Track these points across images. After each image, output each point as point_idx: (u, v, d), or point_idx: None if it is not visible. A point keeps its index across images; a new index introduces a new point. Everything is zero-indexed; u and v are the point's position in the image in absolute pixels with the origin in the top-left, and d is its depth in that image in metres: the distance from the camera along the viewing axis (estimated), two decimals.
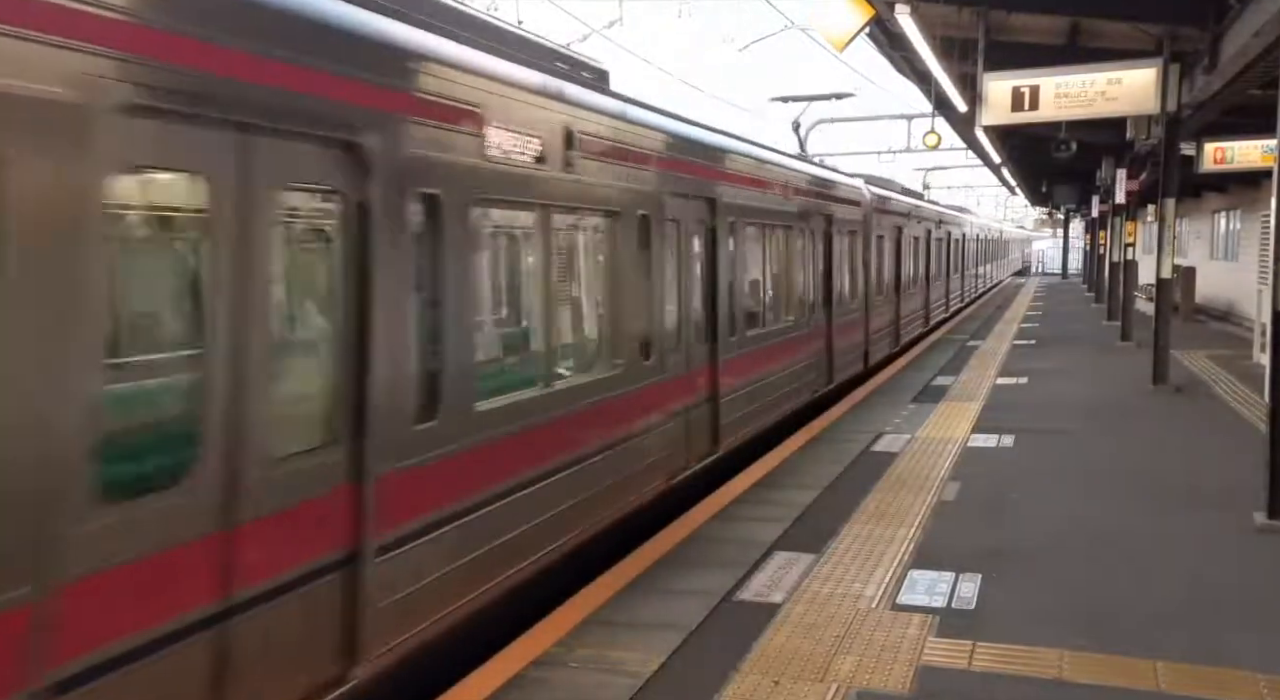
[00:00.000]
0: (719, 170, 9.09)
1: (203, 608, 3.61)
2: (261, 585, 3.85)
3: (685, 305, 8.30)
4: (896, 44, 14.29)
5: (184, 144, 3.56)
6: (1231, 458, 9.21)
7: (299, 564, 4.04)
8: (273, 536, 3.91)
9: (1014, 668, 4.84)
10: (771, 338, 10.81)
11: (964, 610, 5.60)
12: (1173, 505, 7.82)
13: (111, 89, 3.20)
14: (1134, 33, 12.68)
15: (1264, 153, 17.25)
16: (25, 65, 2.96)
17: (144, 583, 3.38)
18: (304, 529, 4.08)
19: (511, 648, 5.11)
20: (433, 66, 4.93)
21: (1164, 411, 12.17)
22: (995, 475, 8.84)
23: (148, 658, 3.37)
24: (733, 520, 7.50)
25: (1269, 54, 9.72)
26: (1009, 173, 31.61)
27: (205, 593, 3.63)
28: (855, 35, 11.09)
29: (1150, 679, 4.71)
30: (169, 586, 3.48)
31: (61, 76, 3.04)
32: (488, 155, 5.28)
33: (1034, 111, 12.69)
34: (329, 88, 4.20)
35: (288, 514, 3.99)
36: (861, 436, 10.66)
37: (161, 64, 3.40)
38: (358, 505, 4.33)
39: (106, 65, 3.19)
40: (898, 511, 7.64)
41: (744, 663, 4.92)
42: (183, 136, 3.54)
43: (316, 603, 4.12)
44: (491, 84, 5.36)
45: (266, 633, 3.87)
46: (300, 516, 4.05)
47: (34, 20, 2.98)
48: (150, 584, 3.40)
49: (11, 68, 2.94)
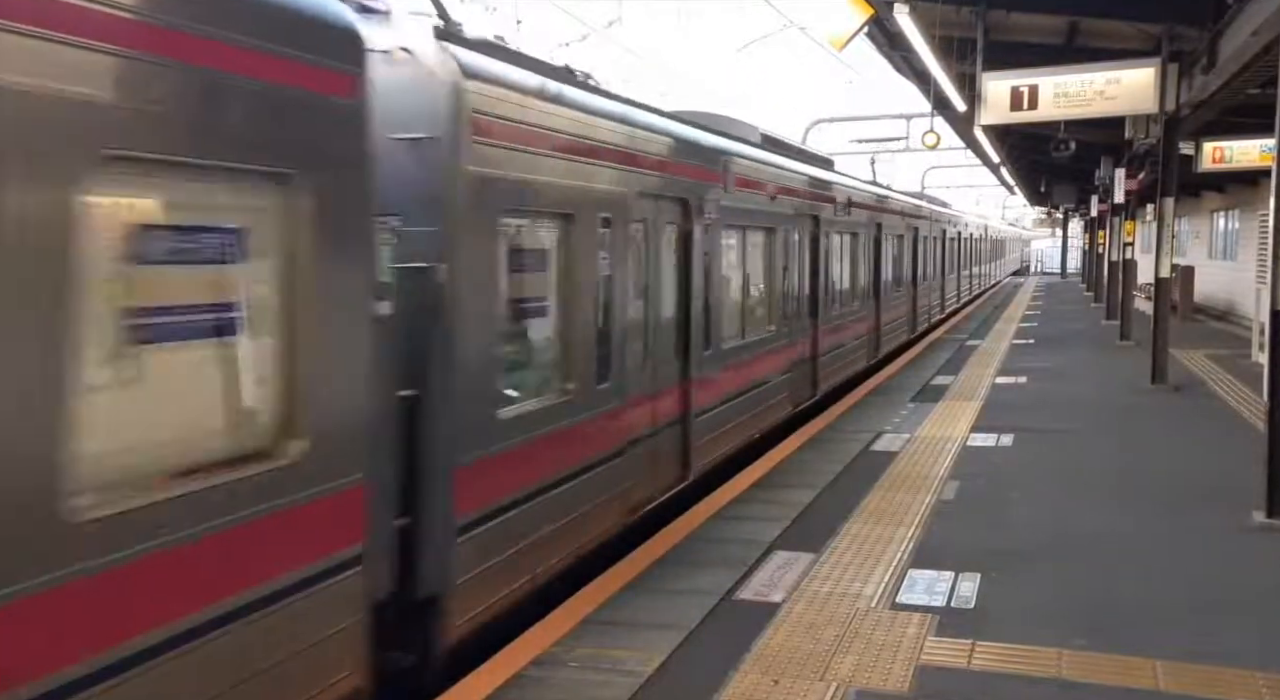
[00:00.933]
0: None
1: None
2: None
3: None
4: (895, 43, 14.30)
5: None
6: (1230, 456, 9.22)
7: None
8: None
9: (1013, 667, 4.84)
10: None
11: (963, 609, 5.60)
12: (1172, 504, 7.83)
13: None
14: (1132, 32, 12.69)
15: (1262, 152, 17.26)
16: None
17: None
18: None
19: (511, 647, 5.11)
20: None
21: (1163, 410, 12.18)
22: (995, 474, 8.85)
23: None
24: (732, 520, 7.51)
25: (1267, 53, 9.72)
26: (1008, 172, 31.62)
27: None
28: (854, 35, 11.10)
29: (1150, 678, 4.71)
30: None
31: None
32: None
33: (1033, 111, 12.71)
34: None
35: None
36: (861, 436, 10.67)
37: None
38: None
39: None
40: (897, 511, 7.65)
41: (743, 662, 4.92)
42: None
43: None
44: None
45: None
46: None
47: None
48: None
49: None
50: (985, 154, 26.19)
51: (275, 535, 3.73)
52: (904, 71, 16.85)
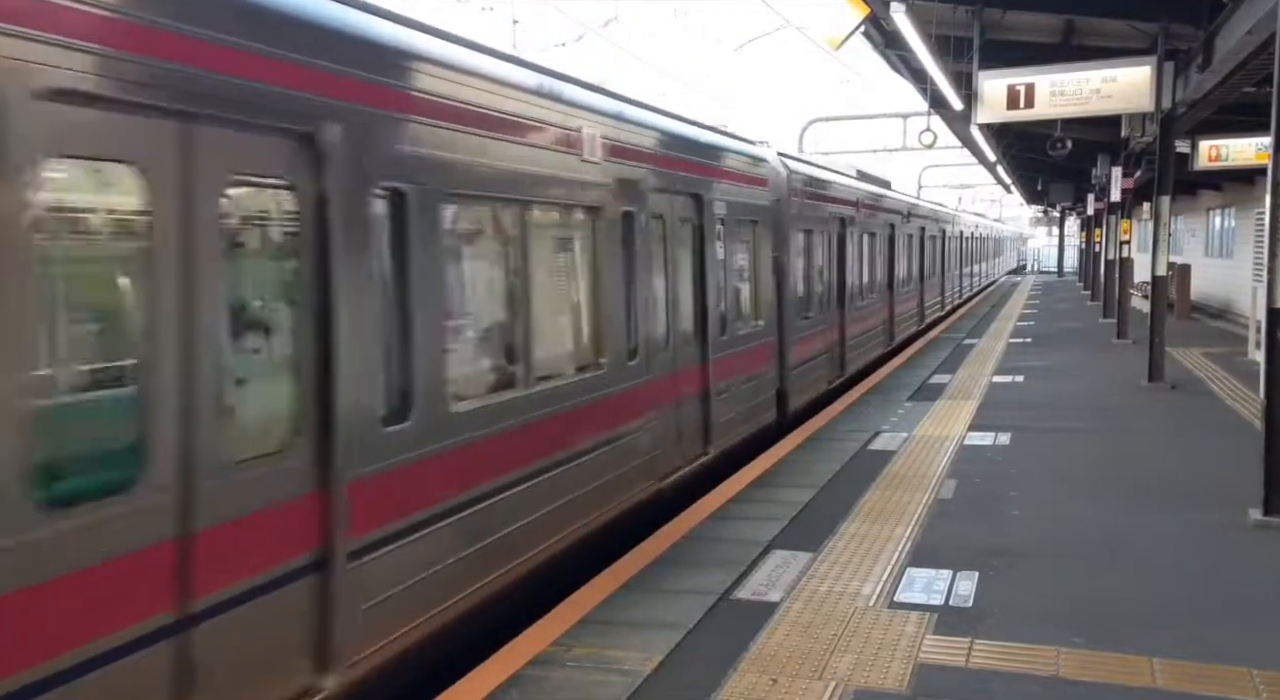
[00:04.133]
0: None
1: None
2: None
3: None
4: (892, 42, 14.31)
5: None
6: (1227, 454, 9.24)
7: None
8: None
9: (1011, 665, 4.85)
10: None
11: (961, 608, 5.61)
12: (1169, 502, 7.84)
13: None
14: (1128, 31, 12.70)
15: (1258, 150, 17.29)
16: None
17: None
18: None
19: (510, 647, 5.12)
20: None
21: (1160, 409, 12.19)
22: (992, 473, 8.86)
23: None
24: (730, 519, 7.51)
25: (1262, 51, 9.73)
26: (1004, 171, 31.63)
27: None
28: (851, 34, 11.10)
29: (1147, 675, 4.72)
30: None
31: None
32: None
33: (1029, 110, 12.71)
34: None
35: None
36: (858, 435, 10.68)
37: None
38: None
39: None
40: (895, 509, 7.66)
41: (742, 661, 4.93)
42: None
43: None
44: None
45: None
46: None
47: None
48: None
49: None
50: (982, 153, 26.20)
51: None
52: (900, 70, 16.86)
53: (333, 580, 4.29)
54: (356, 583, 4.43)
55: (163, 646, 3.57)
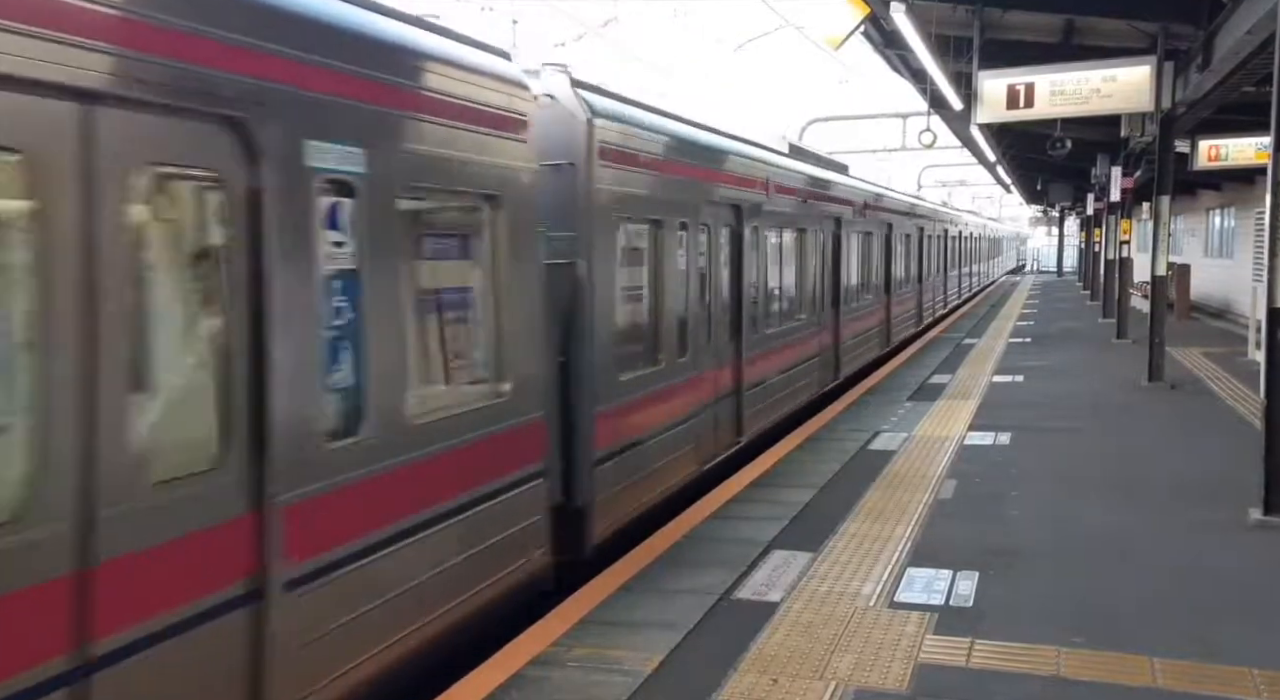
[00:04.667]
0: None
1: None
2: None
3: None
4: (891, 42, 14.31)
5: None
6: (1227, 454, 9.24)
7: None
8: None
9: (1012, 665, 4.85)
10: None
11: (962, 608, 5.61)
12: (1169, 502, 7.84)
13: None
14: (1128, 30, 12.69)
15: (1258, 150, 17.27)
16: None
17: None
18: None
19: (511, 647, 5.12)
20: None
21: (1160, 408, 12.19)
22: (992, 473, 8.86)
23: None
24: (730, 519, 7.51)
25: (1262, 51, 9.73)
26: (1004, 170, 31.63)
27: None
28: (851, 34, 11.11)
29: (1147, 675, 4.72)
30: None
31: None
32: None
33: (1029, 109, 12.71)
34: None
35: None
36: (858, 435, 10.68)
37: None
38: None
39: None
40: (895, 509, 7.66)
41: (742, 661, 4.93)
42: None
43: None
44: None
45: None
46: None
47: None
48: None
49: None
50: (981, 152, 26.20)
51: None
52: (900, 70, 16.86)
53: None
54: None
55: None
